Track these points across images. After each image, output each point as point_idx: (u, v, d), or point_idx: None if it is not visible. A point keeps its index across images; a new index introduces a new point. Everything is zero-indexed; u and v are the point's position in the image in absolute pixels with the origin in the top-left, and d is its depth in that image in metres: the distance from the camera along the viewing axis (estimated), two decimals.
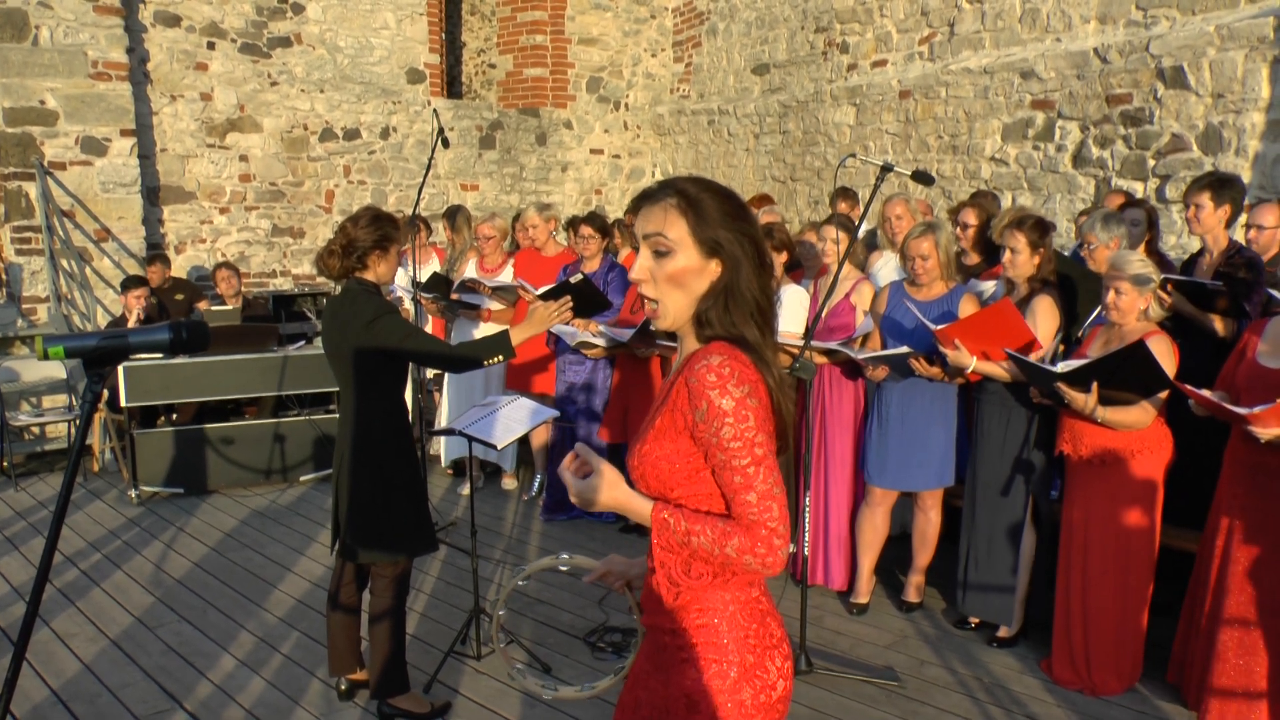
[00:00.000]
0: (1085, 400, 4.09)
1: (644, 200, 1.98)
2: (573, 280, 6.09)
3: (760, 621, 2.00)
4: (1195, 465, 4.42)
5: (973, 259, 5.73)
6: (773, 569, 1.88)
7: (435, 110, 9.13)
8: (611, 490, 1.97)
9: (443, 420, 7.60)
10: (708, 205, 1.92)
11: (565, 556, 2.27)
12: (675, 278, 1.92)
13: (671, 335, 2.03)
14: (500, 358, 4.00)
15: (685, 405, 1.90)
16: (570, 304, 4.00)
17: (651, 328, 2.03)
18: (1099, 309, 4.54)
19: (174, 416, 7.93)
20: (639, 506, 1.95)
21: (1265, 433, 3.64)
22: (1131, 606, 4.30)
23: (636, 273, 1.95)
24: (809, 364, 4.37)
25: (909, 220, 5.83)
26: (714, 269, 1.93)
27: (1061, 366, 4.17)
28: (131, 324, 7.68)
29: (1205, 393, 3.86)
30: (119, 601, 5.47)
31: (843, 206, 7.39)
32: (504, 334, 3.99)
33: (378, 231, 4.00)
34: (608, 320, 6.31)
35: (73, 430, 8.57)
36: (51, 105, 8.79)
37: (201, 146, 10.04)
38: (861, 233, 5.81)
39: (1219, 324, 4.80)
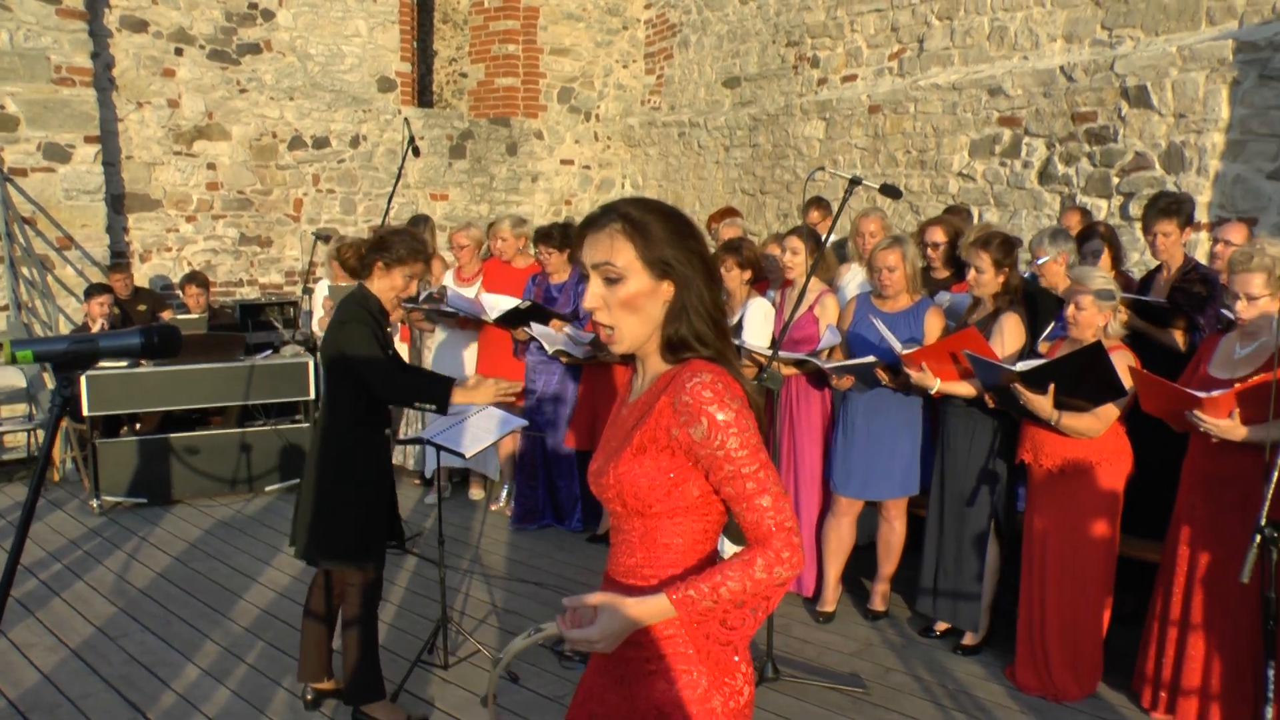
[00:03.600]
0: (1042, 403, 4.16)
1: (588, 228, 1.97)
2: (521, 306, 6.18)
3: None
4: (1155, 477, 4.49)
5: (941, 273, 5.79)
6: (800, 566, 1.89)
7: (406, 119, 9.12)
8: (622, 613, 1.90)
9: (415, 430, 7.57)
10: (653, 227, 1.93)
11: (539, 630, 2.18)
12: (628, 303, 1.93)
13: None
14: (430, 406, 4.03)
15: (670, 423, 1.91)
16: (520, 389, 4.06)
17: (607, 353, 2.02)
18: (1051, 325, 4.62)
19: (138, 426, 7.85)
20: (653, 606, 1.90)
21: (1210, 422, 3.74)
22: (1092, 614, 4.37)
23: (589, 301, 1.95)
24: (776, 375, 4.41)
25: (882, 236, 5.88)
26: (666, 290, 1.94)
27: (1020, 366, 4.23)
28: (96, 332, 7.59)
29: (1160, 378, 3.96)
30: (80, 612, 5.40)
31: (814, 216, 7.43)
32: (447, 387, 4.00)
33: (388, 249, 4.02)
34: (581, 328, 6.32)
35: (33, 440, 8.46)
36: (12, 110, 8.69)
37: (168, 154, 9.96)
38: (828, 245, 5.85)
39: (1180, 338, 4.89)
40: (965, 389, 4.61)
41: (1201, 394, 3.78)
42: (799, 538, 1.89)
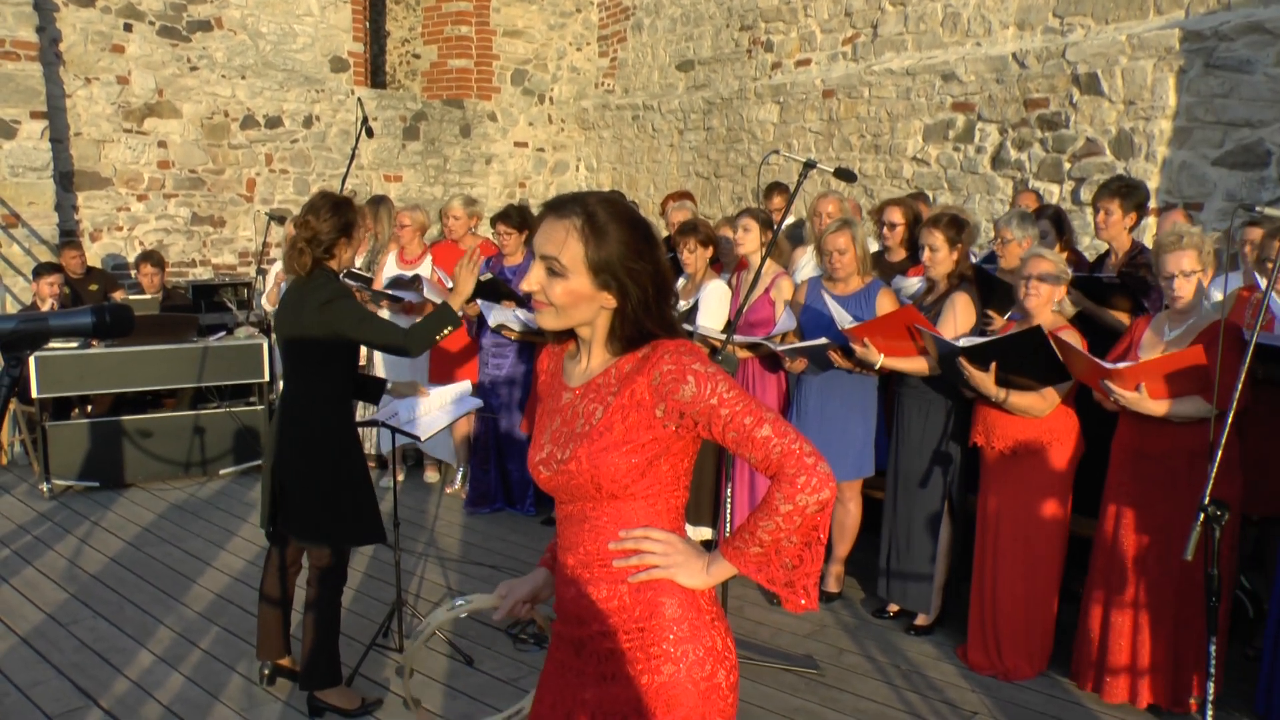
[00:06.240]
0: (984, 379, 4.23)
1: (550, 211, 1.95)
2: (481, 279, 6.12)
3: (714, 602, 2.04)
4: (1105, 457, 4.58)
5: (898, 255, 5.84)
6: (830, 481, 1.88)
7: (359, 99, 9.02)
8: (699, 567, 1.98)
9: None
10: (611, 236, 1.91)
11: (461, 602, 2.19)
12: (564, 298, 1.93)
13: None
14: (449, 329, 4.01)
15: (653, 403, 1.91)
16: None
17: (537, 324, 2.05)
18: (1011, 310, 4.70)
19: (89, 408, 7.74)
20: (718, 569, 1.98)
21: (1119, 392, 3.89)
22: (1042, 594, 4.44)
23: (527, 283, 1.95)
24: (731, 358, 4.44)
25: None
26: (605, 298, 1.94)
27: (964, 342, 4.31)
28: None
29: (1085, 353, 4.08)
30: (29, 598, 5.33)
31: (776, 201, 7.46)
32: (444, 306, 4.01)
33: (340, 220, 3.98)
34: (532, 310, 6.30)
35: None
36: None
37: (118, 131, 9.78)
38: (784, 227, 5.89)
39: (1125, 320, 4.99)
40: (909, 365, 4.68)
41: (1108, 364, 3.91)
42: (812, 456, 1.88)
